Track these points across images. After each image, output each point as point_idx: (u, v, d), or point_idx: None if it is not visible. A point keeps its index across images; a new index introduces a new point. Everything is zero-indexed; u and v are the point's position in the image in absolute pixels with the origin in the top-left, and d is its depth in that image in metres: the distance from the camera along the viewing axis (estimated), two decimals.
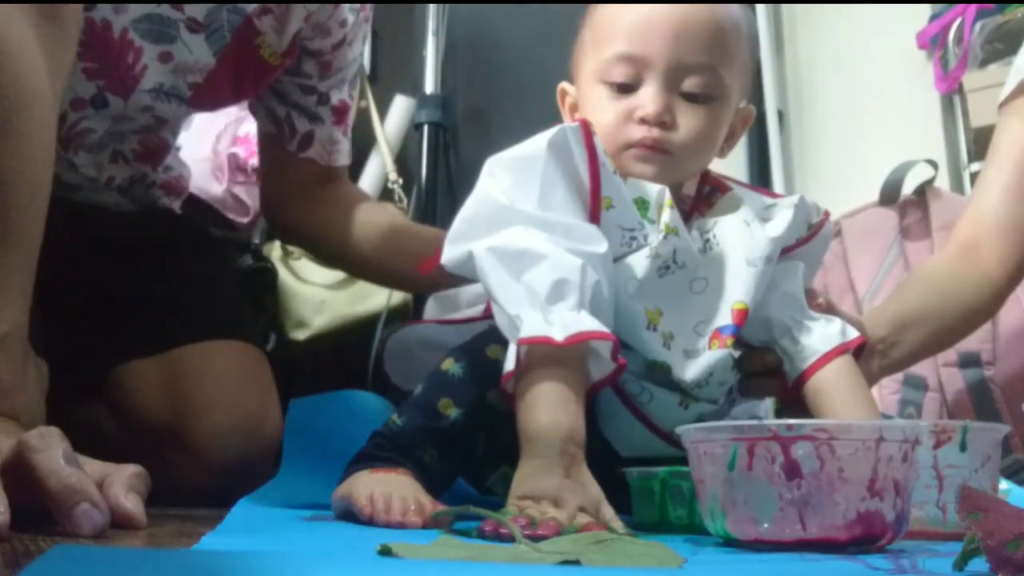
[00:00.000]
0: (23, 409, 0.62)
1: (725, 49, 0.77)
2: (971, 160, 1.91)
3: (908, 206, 1.56)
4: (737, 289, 0.76)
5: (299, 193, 1.12)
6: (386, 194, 1.66)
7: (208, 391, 0.96)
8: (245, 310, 1.12)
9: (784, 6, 2.33)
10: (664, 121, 0.74)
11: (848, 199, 1.68)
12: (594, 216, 0.73)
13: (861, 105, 2.13)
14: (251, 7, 0.96)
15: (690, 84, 0.75)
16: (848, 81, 2.15)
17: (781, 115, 2.13)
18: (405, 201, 1.59)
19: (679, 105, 0.75)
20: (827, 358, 0.76)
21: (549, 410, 0.63)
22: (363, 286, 1.47)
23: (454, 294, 0.82)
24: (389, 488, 0.65)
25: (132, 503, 0.55)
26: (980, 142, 1.84)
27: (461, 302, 0.87)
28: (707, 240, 0.78)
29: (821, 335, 0.78)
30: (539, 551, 0.42)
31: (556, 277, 0.66)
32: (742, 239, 0.78)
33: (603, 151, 0.74)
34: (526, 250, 0.68)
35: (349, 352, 1.48)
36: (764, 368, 0.80)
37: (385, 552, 0.42)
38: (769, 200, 0.82)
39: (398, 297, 1.46)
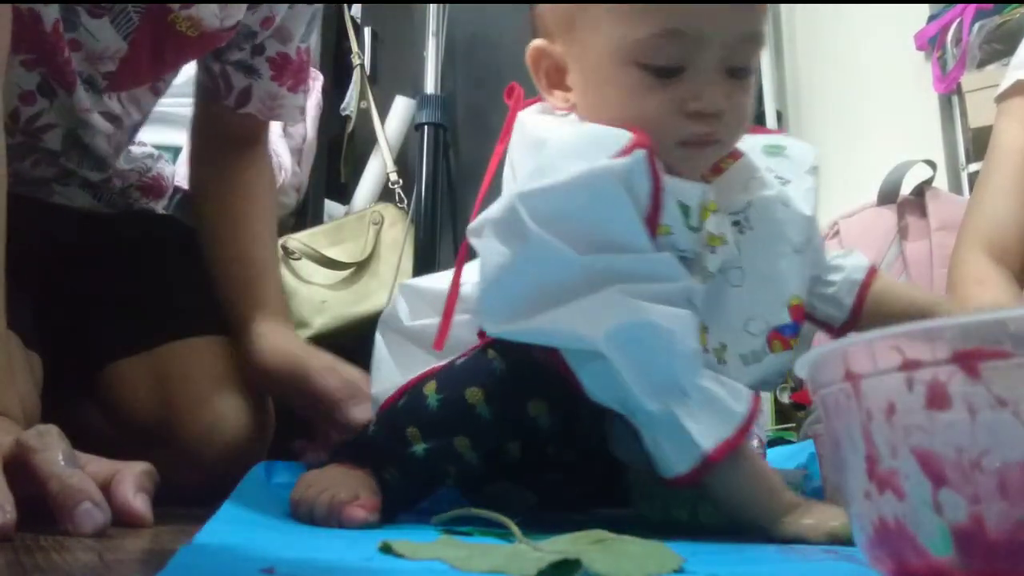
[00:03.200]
0: (15, 404, 0.62)
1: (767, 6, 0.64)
2: (969, 160, 1.91)
3: (906, 206, 1.57)
4: (791, 282, 0.67)
5: (226, 154, 1.07)
6: (387, 194, 1.67)
7: (196, 388, 0.96)
8: None
9: (784, 6, 2.34)
10: (722, 111, 0.62)
11: (846, 199, 1.69)
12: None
13: (859, 105, 2.13)
14: None
15: (741, 58, 0.62)
16: (846, 81, 2.16)
17: (780, 115, 2.14)
18: (405, 201, 1.59)
19: (728, 85, 0.63)
20: (869, 280, 0.73)
21: (767, 476, 0.60)
22: (363, 286, 1.48)
23: (424, 288, 0.74)
24: (334, 483, 0.62)
25: (140, 503, 0.55)
26: (978, 142, 1.85)
27: (427, 298, 0.75)
28: (738, 223, 0.67)
29: (854, 266, 0.73)
30: (539, 550, 0.42)
31: (685, 349, 0.57)
32: (784, 225, 0.67)
33: (664, 170, 0.61)
34: (636, 326, 0.57)
35: (349, 352, 1.48)
36: None
37: (385, 550, 0.42)
38: (765, 142, 0.72)
39: None
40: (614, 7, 0.62)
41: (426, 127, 1.59)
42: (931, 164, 1.61)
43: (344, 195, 1.79)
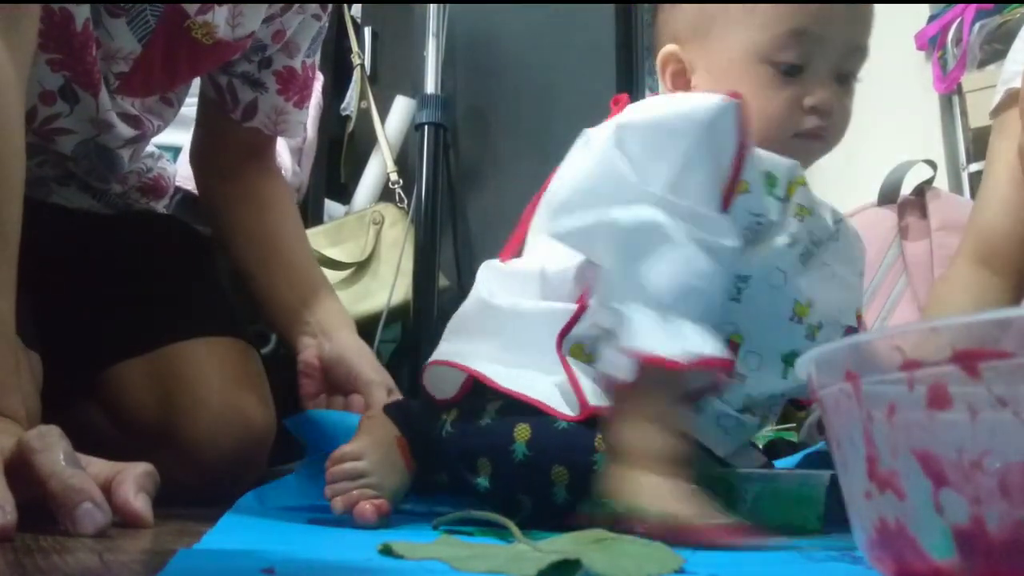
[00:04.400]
0: (18, 406, 0.62)
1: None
2: (970, 160, 1.91)
3: (907, 206, 1.57)
4: (858, 296, 0.74)
5: (234, 165, 1.08)
6: (387, 194, 1.67)
7: (197, 389, 0.96)
8: (234, 307, 1.12)
9: None
10: (833, 109, 0.71)
11: (847, 199, 1.69)
12: (726, 201, 0.65)
13: (859, 105, 2.13)
14: None
15: (850, 65, 0.72)
16: None
17: None
18: (406, 201, 1.59)
19: (837, 88, 0.72)
20: None
21: (661, 428, 0.59)
22: (363, 286, 1.48)
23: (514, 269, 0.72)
24: (368, 470, 0.64)
25: (141, 503, 0.55)
26: (979, 142, 1.85)
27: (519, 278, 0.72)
28: (838, 227, 0.73)
29: None
30: (540, 551, 0.42)
31: (685, 281, 0.60)
32: (855, 247, 0.76)
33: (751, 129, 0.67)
34: (655, 235, 0.60)
35: None
36: None
37: (385, 551, 0.42)
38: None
39: (398, 297, 1.46)
40: (752, 10, 0.71)
41: (426, 127, 1.59)
42: (931, 164, 1.61)
43: (344, 195, 1.79)
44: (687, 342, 0.58)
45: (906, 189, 1.59)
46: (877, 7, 0.74)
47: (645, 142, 0.64)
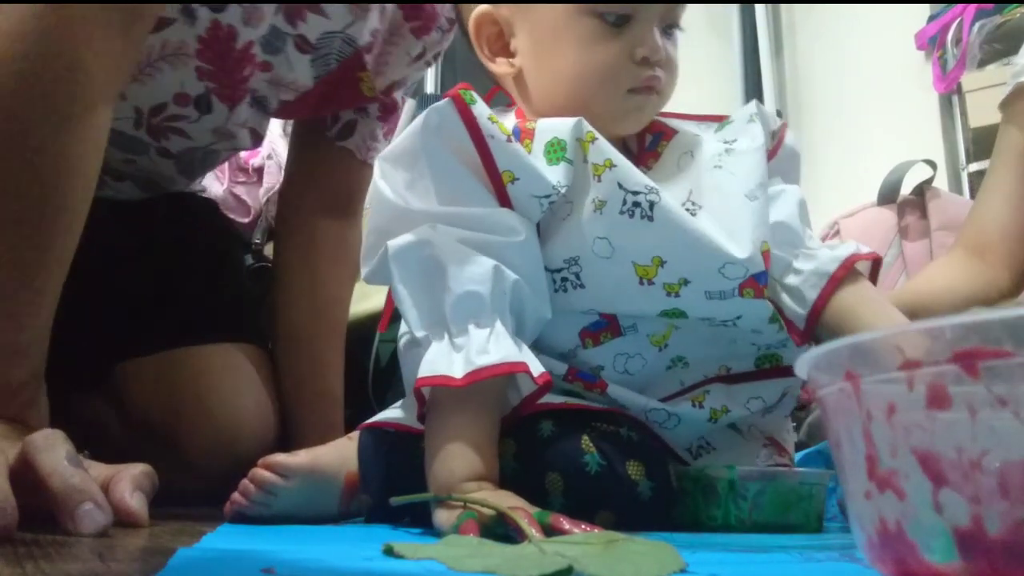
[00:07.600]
0: (34, 415, 0.63)
1: None
2: (969, 160, 1.91)
3: (907, 206, 1.57)
4: (757, 230, 0.65)
5: (317, 212, 1.08)
6: None
7: (205, 398, 0.96)
8: (255, 307, 1.12)
9: (784, 6, 2.34)
10: (663, 60, 0.68)
11: (847, 199, 1.69)
12: (501, 196, 0.64)
13: (860, 105, 2.13)
14: (364, 40, 0.95)
15: (674, 16, 0.70)
16: (847, 81, 2.16)
17: (779, 115, 2.14)
18: None
19: (664, 39, 0.69)
20: (839, 275, 0.67)
21: (447, 454, 0.58)
22: (363, 286, 1.47)
23: None
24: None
25: (136, 502, 0.55)
26: (978, 142, 1.85)
27: None
28: (688, 210, 0.66)
29: (828, 256, 0.68)
30: (544, 552, 0.42)
31: (462, 290, 0.59)
32: (728, 184, 0.67)
33: (488, 118, 0.63)
34: (422, 254, 0.61)
35: (349, 351, 1.48)
36: None
37: (388, 552, 0.42)
38: (716, 125, 0.74)
39: None
40: None
41: None
42: (931, 164, 1.61)
43: None
44: (467, 355, 0.57)
45: (906, 189, 1.59)
46: (877, 7, 0.73)
47: (399, 167, 0.64)
